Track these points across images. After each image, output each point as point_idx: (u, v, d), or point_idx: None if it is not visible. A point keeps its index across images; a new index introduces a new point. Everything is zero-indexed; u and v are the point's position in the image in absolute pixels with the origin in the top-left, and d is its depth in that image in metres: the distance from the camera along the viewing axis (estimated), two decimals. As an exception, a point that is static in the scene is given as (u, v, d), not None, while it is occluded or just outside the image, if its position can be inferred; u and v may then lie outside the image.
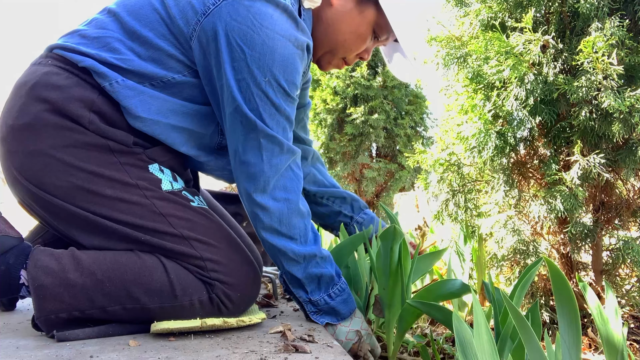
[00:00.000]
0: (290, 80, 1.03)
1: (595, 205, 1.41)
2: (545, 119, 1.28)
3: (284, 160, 1.05)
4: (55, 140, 1.01)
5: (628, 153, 1.24)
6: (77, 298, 0.98)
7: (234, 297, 1.04)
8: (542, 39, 1.25)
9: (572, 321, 0.66)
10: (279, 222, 1.04)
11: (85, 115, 1.02)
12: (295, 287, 1.09)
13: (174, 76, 1.06)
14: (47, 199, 1.03)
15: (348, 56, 1.23)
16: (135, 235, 1.02)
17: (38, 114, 1.02)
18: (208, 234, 1.05)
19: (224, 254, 1.05)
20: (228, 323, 1.02)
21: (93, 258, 1.02)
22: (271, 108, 1.02)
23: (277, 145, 1.03)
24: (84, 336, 0.99)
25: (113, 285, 0.99)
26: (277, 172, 1.04)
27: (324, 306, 1.08)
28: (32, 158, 1.03)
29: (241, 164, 1.04)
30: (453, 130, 1.50)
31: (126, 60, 1.04)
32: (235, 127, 1.04)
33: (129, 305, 1.00)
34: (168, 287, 1.00)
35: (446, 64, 1.47)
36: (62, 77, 1.04)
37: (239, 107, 1.01)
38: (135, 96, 1.03)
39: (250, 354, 0.87)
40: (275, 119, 1.03)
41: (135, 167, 1.05)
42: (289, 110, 1.06)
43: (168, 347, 0.93)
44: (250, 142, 1.03)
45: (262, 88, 1.00)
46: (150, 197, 1.04)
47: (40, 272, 0.99)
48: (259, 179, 1.03)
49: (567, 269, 1.46)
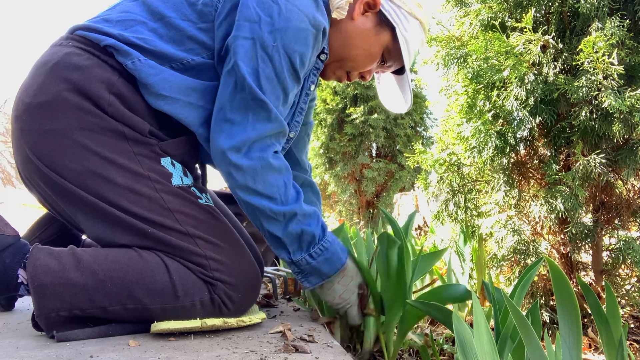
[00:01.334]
0: (299, 53, 1.02)
1: (595, 205, 1.41)
2: (546, 119, 1.28)
3: (269, 129, 1.02)
4: (71, 122, 1.01)
5: (628, 153, 1.24)
6: (77, 297, 0.98)
7: (236, 298, 1.04)
8: (542, 39, 1.25)
9: (573, 321, 0.66)
10: (253, 180, 1.01)
11: (105, 96, 1.03)
12: (277, 248, 1.07)
13: (194, 58, 1.07)
14: (57, 180, 1.02)
15: (353, 71, 1.25)
16: (142, 227, 1.02)
17: (58, 93, 1.02)
18: (213, 232, 1.05)
19: (227, 253, 1.05)
20: (228, 323, 1.02)
21: (94, 257, 1.01)
22: (271, 72, 1.01)
23: (265, 110, 1.01)
24: (84, 336, 0.99)
25: (114, 285, 0.99)
26: (259, 137, 1.01)
27: (306, 267, 1.06)
28: (46, 137, 1.02)
29: (225, 121, 1.01)
30: (453, 130, 1.50)
31: (147, 40, 1.05)
32: (227, 84, 1.02)
33: (130, 305, 1.00)
34: (170, 288, 1.00)
35: (446, 64, 1.47)
36: (84, 57, 1.04)
37: (236, 64, 1.00)
38: (156, 74, 1.04)
39: (250, 354, 0.87)
40: (271, 83, 1.01)
41: (147, 158, 1.05)
42: (289, 82, 1.03)
43: (168, 347, 0.92)
44: (238, 101, 1.01)
45: (268, 51, 1.00)
46: (160, 191, 1.04)
47: (39, 271, 0.98)
48: (237, 137, 1.00)
49: (567, 269, 1.46)
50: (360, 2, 1.17)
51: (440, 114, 1.73)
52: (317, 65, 1.18)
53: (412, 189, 6.84)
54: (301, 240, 1.05)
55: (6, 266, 1.04)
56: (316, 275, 1.08)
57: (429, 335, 1.30)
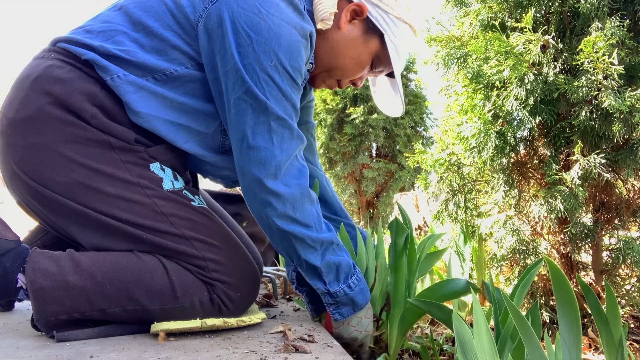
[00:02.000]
0: (295, 67, 1.02)
1: (595, 205, 1.41)
2: (545, 119, 1.28)
3: (294, 146, 1.02)
4: (56, 135, 1.01)
5: (628, 153, 1.24)
6: (77, 300, 0.98)
7: (235, 297, 1.04)
8: (542, 39, 1.25)
9: (572, 321, 0.66)
10: (292, 209, 1.01)
11: (87, 109, 1.02)
12: (313, 278, 1.05)
13: (177, 68, 1.05)
14: (47, 194, 1.02)
15: (343, 79, 1.24)
16: (137, 233, 1.01)
17: (40, 107, 1.01)
18: (209, 234, 1.05)
19: (224, 254, 1.05)
20: (228, 323, 1.02)
21: (92, 260, 1.01)
22: (278, 93, 1.01)
23: (287, 129, 1.01)
24: (84, 336, 0.98)
25: (113, 287, 0.99)
26: (288, 158, 1.01)
27: (343, 297, 1.05)
28: (32, 151, 1.02)
29: (250, 150, 1.00)
30: (453, 130, 1.50)
31: (129, 52, 1.04)
32: (243, 111, 1.01)
33: (130, 307, 1.00)
34: (169, 288, 1.00)
35: (446, 64, 1.47)
36: (65, 70, 1.04)
37: (249, 89, 0.99)
38: (135, 91, 1.03)
39: (250, 354, 0.87)
40: (282, 104, 1.01)
41: (136, 165, 1.04)
42: (295, 97, 1.04)
43: (168, 347, 0.92)
44: (260, 126, 1.00)
45: (269, 72, 0.99)
46: (152, 196, 1.03)
47: (38, 275, 0.98)
48: (270, 163, 1.00)
49: (567, 269, 1.46)
50: (346, 10, 1.15)
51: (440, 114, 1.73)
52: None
53: (412, 189, 6.84)
54: (339, 271, 1.05)
55: (6, 270, 1.03)
56: (350, 307, 1.07)
57: (429, 335, 1.30)
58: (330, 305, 1.07)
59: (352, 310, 1.07)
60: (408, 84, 7.23)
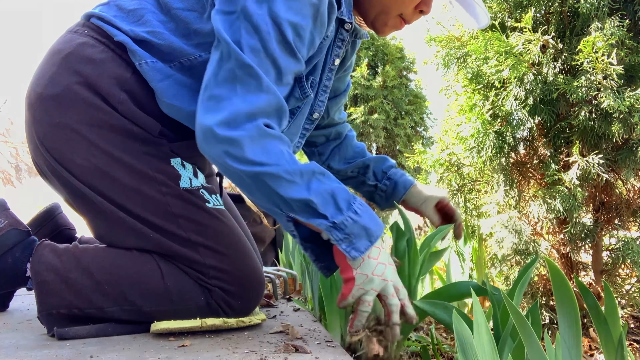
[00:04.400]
0: (290, 23, 0.87)
1: (595, 205, 1.41)
2: (545, 118, 1.29)
3: (262, 101, 0.86)
4: (81, 117, 0.99)
5: (628, 153, 1.24)
6: (76, 296, 0.99)
7: (235, 305, 1.03)
8: (542, 39, 1.25)
9: (572, 321, 0.66)
10: (252, 151, 0.84)
11: (116, 94, 1.00)
12: (310, 216, 0.87)
13: (201, 54, 0.99)
14: (64, 174, 1.02)
15: (405, 11, 1.05)
16: (144, 230, 1.01)
17: (69, 86, 1.00)
18: (217, 239, 1.02)
19: (230, 261, 1.02)
20: (228, 323, 1.02)
21: (93, 257, 1.02)
22: (257, 43, 0.86)
23: (254, 78, 0.86)
24: (84, 333, 0.99)
25: (110, 287, 0.99)
26: (251, 113, 0.85)
27: (353, 226, 0.87)
28: (56, 130, 1.01)
29: (209, 99, 0.87)
30: (453, 130, 1.50)
31: (157, 34, 1.00)
32: (212, 61, 0.89)
33: (126, 307, 1.00)
34: (164, 292, 1.00)
35: (446, 64, 1.47)
36: (98, 50, 1.01)
37: (220, 36, 0.87)
38: (161, 80, 0.99)
39: (250, 354, 0.87)
40: (258, 56, 0.86)
41: (157, 157, 1.02)
42: (281, 57, 0.88)
43: (168, 347, 0.93)
44: (223, 73, 0.87)
45: (253, 21, 0.86)
46: (166, 194, 1.01)
47: (43, 268, 1.00)
48: (224, 110, 0.85)
49: (567, 269, 1.46)
50: None
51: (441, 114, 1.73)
52: (340, 35, 1.05)
53: (412, 189, 6.83)
54: (336, 199, 0.88)
55: (15, 259, 1.06)
56: (365, 238, 0.88)
57: (430, 334, 1.30)
58: (342, 241, 0.87)
59: (368, 241, 0.88)
60: (408, 84, 7.23)
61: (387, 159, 1.35)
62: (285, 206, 0.88)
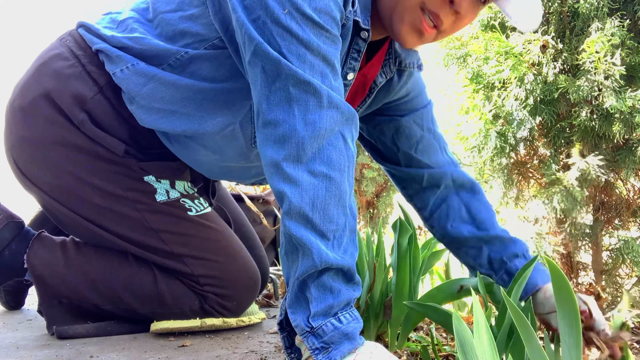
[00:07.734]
0: (319, 8, 0.74)
1: (595, 205, 1.41)
2: (546, 119, 1.28)
3: (325, 118, 0.72)
4: (46, 134, 0.97)
5: (628, 153, 1.24)
6: (72, 291, 1.00)
7: (230, 306, 1.03)
8: (542, 39, 1.25)
9: (573, 321, 0.66)
10: (311, 206, 0.69)
11: (76, 113, 0.96)
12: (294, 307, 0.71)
13: (187, 50, 0.91)
14: (34, 189, 1.01)
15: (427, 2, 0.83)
16: (124, 246, 0.99)
17: (35, 99, 0.98)
18: (203, 247, 1.01)
19: (219, 266, 1.01)
20: (228, 323, 1.02)
21: (86, 256, 1.02)
22: (299, 47, 0.73)
23: (312, 94, 0.72)
24: (84, 331, 1.00)
25: (105, 287, 1.00)
26: (317, 134, 0.71)
27: (333, 333, 0.68)
28: (23, 144, 1.00)
29: (265, 126, 0.73)
30: (453, 130, 1.50)
31: (138, 39, 0.93)
32: (255, 78, 0.76)
33: (122, 307, 1.01)
34: (158, 296, 1.00)
35: (446, 64, 1.47)
36: (67, 64, 0.98)
37: (258, 46, 0.73)
38: (145, 84, 0.92)
39: (250, 354, 0.87)
40: (306, 60, 0.73)
41: (127, 177, 0.99)
42: (325, 48, 0.75)
43: (168, 347, 0.92)
44: (275, 94, 0.73)
45: (283, 23, 0.73)
46: (142, 211, 0.98)
47: (37, 262, 1.01)
48: (290, 141, 0.71)
49: (567, 269, 1.46)
50: None
51: (440, 114, 1.73)
52: (356, 46, 0.90)
53: (412, 189, 6.83)
54: (332, 306, 0.70)
55: (12, 252, 1.07)
56: (348, 341, 0.69)
57: (430, 334, 1.30)
58: (319, 351, 0.68)
59: (351, 345, 0.69)
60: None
61: (512, 240, 1.04)
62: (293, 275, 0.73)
